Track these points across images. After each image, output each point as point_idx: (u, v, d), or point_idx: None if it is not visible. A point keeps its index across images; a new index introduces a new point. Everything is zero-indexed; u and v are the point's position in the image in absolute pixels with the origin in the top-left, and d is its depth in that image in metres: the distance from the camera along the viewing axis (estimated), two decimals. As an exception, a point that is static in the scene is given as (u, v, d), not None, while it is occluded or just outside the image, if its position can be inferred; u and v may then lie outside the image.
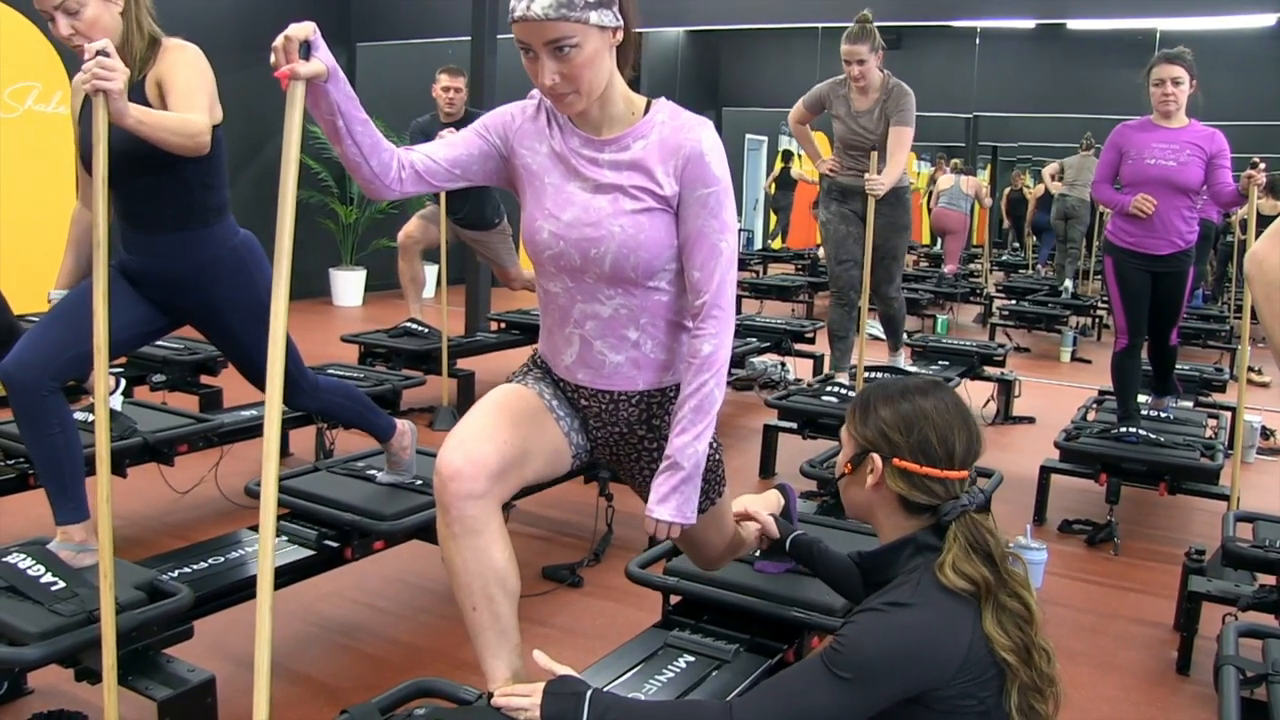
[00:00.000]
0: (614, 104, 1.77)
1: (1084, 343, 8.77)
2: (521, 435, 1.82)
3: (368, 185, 1.76)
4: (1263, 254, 1.56)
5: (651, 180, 1.75)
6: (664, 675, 2.12)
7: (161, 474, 3.60)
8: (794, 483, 3.53)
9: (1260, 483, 4.86)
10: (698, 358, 1.78)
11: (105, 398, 1.88)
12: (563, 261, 1.79)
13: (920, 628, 1.44)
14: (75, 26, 2.28)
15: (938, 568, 1.49)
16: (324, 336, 6.78)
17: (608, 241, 1.75)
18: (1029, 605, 1.50)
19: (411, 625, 2.97)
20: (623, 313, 1.81)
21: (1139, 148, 4.07)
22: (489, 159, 1.85)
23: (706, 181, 1.75)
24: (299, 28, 1.52)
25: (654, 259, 1.77)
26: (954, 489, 1.54)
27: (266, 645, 1.55)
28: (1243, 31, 10.57)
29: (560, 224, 1.78)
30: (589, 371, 1.87)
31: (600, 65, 1.68)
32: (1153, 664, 2.95)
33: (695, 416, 1.78)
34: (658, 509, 1.78)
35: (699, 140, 1.75)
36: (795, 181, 14.11)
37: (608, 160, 1.78)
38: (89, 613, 2.05)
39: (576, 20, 1.60)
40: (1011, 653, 1.45)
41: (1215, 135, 4.01)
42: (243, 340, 2.64)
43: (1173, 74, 3.94)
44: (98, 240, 1.84)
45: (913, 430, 1.53)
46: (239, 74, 7.44)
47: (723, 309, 1.79)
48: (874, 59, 4.50)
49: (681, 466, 1.78)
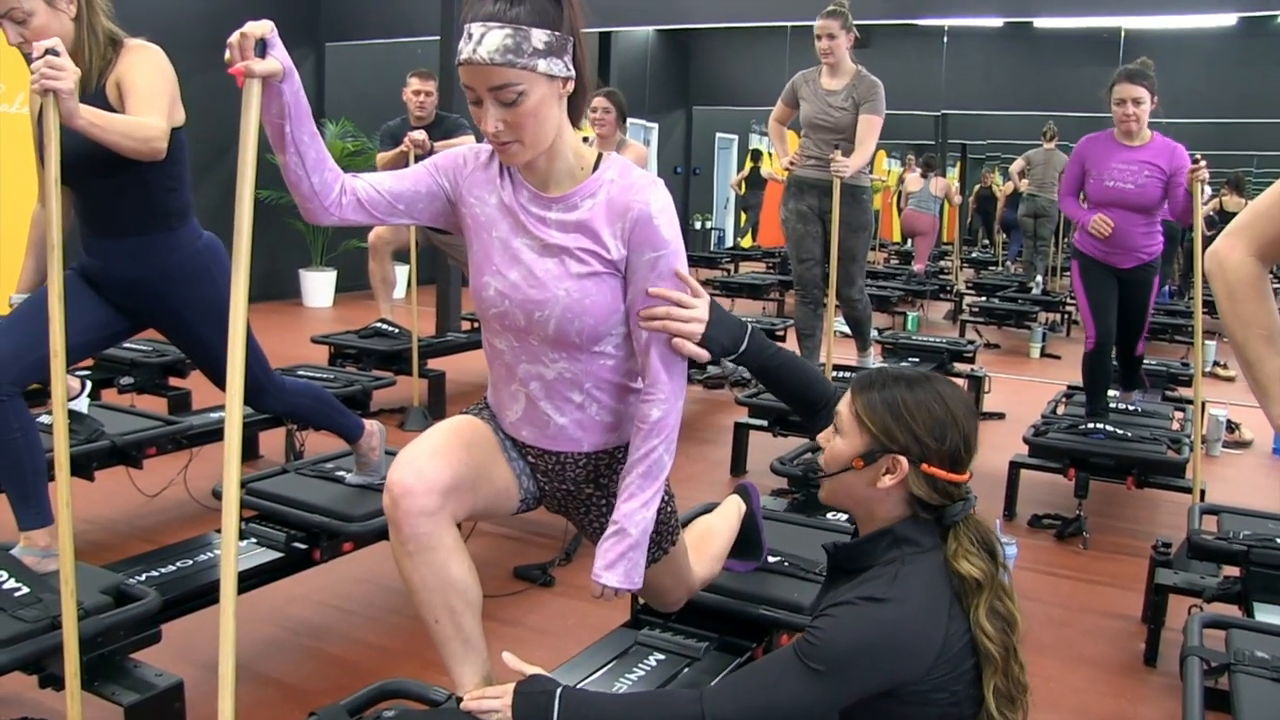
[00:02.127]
0: (562, 157, 1.70)
1: (1053, 339, 8.84)
2: (475, 460, 1.79)
3: (305, 204, 1.69)
4: (1224, 251, 1.56)
5: (598, 243, 1.70)
6: (634, 674, 2.12)
7: (130, 477, 3.56)
8: (764, 480, 3.55)
9: (1226, 475, 4.92)
10: (646, 423, 1.74)
11: (63, 402, 1.85)
12: (507, 320, 1.75)
13: (894, 623, 1.44)
14: (24, 34, 2.25)
15: (951, 556, 1.50)
16: (294, 337, 6.73)
17: (552, 305, 1.70)
18: (1015, 614, 1.51)
19: (381, 626, 2.96)
20: (567, 376, 1.77)
21: (1099, 167, 4.16)
22: (435, 199, 1.79)
23: (655, 245, 1.69)
24: (256, 25, 1.49)
25: (599, 324, 1.72)
26: (964, 490, 1.55)
27: (230, 649, 1.53)
28: (1206, 30, 10.70)
29: (506, 282, 1.73)
30: (534, 430, 1.83)
31: (547, 116, 1.61)
32: (1120, 656, 2.97)
33: (643, 482, 1.75)
34: (605, 575, 1.75)
35: (647, 202, 1.68)
36: (765, 180, 14.16)
37: (555, 220, 1.72)
38: (52, 618, 2.03)
39: (523, 68, 1.54)
40: (996, 646, 1.46)
41: (1175, 151, 4.08)
42: (207, 344, 2.61)
43: (1134, 94, 4.01)
44: (52, 242, 1.80)
45: (946, 435, 1.50)
46: (205, 74, 7.35)
47: (673, 373, 1.75)
48: (844, 38, 4.68)
49: (629, 534, 1.74)
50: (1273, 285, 1.64)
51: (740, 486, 2.49)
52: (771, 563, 2.47)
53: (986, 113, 14.45)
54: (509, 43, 1.53)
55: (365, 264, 5.77)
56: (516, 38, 1.53)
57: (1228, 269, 1.55)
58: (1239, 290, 1.54)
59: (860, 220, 4.96)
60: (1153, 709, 2.69)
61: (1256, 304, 1.53)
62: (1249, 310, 1.53)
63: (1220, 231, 1.59)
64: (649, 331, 1.73)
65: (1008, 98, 13.00)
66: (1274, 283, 7.86)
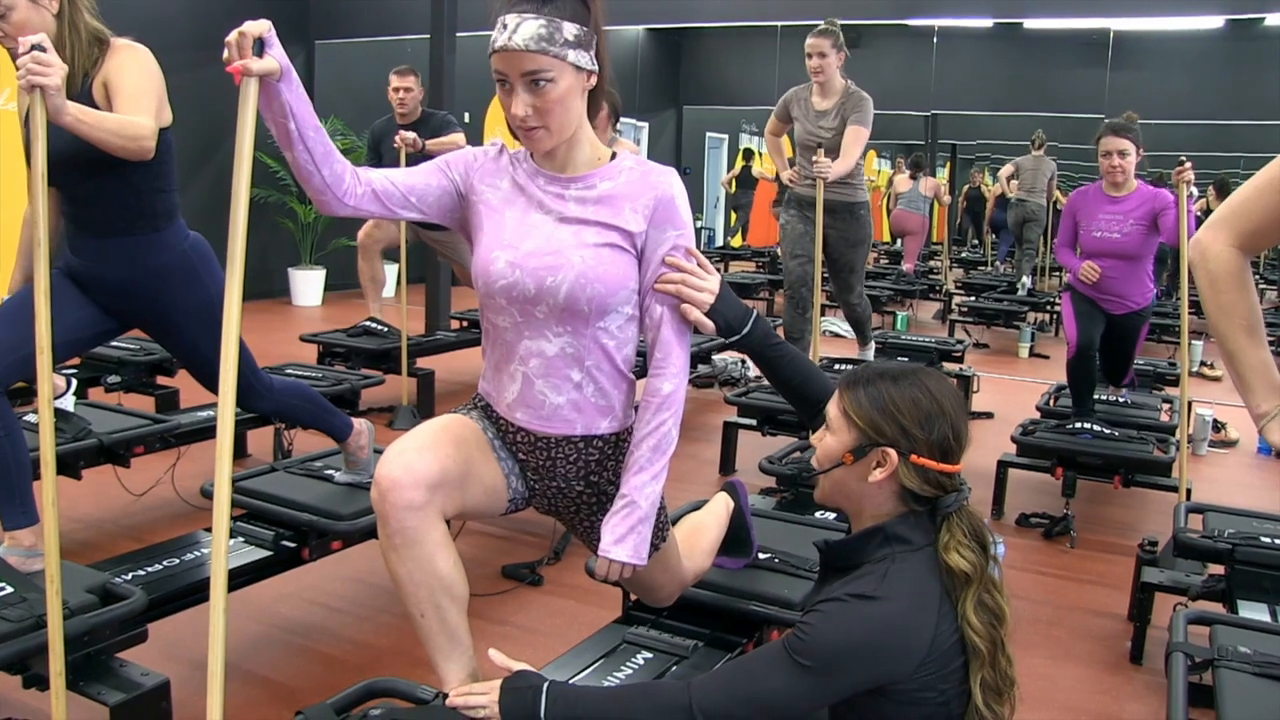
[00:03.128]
0: (580, 148, 1.78)
1: (1042, 339, 8.87)
2: (464, 457, 1.79)
3: (319, 196, 1.72)
4: (1206, 242, 1.57)
5: (619, 216, 1.76)
6: (623, 672, 2.12)
7: (117, 476, 3.55)
8: (753, 478, 3.56)
9: (1212, 474, 4.95)
10: (657, 396, 1.78)
11: (49, 400, 1.84)
12: (515, 292, 1.77)
13: (884, 621, 1.44)
14: (4, 29, 2.24)
15: (942, 548, 1.50)
16: (283, 336, 6.73)
17: (566, 270, 1.73)
18: (1003, 607, 1.52)
19: (369, 625, 2.95)
20: (569, 352, 1.79)
21: (1088, 220, 4.36)
22: (446, 195, 1.84)
23: (675, 224, 1.78)
24: (254, 25, 1.51)
25: (609, 295, 1.75)
26: (957, 481, 1.55)
27: (220, 647, 1.53)
28: (1193, 31, 10.76)
29: (519, 253, 1.76)
30: (528, 411, 1.84)
31: (572, 105, 1.69)
32: (1107, 654, 2.99)
33: (653, 455, 1.78)
34: (614, 549, 1.75)
35: (669, 185, 1.78)
36: (756, 180, 14.18)
37: (574, 196, 1.78)
38: (37, 618, 2.02)
39: (555, 55, 1.63)
40: (983, 640, 1.47)
41: (1158, 195, 4.25)
42: (193, 345, 2.60)
43: (1119, 146, 4.16)
44: (38, 239, 1.79)
45: (933, 426, 1.51)
46: (194, 72, 7.36)
47: (684, 350, 1.81)
48: (835, 57, 4.68)
49: (639, 505, 1.76)
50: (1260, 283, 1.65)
51: (728, 484, 2.50)
52: (762, 559, 2.47)
53: (976, 113, 14.50)
54: (543, 32, 1.62)
55: (354, 263, 5.76)
56: (550, 28, 1.62)
57: (1210, 259, 1.56)
58: (1221, 280, 1.55)
59: (859, 235, 5.05)
60: (1139, 706, 2.71)
61: (1237, 294, 1.54)
62: (1230, 300, 1.54)
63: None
64: (662, 306, 1.79)
65: (997, 98, 13.04)
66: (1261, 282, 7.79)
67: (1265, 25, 10.40)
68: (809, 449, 3.72)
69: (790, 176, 5.01)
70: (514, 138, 1.77)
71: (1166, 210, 4.17)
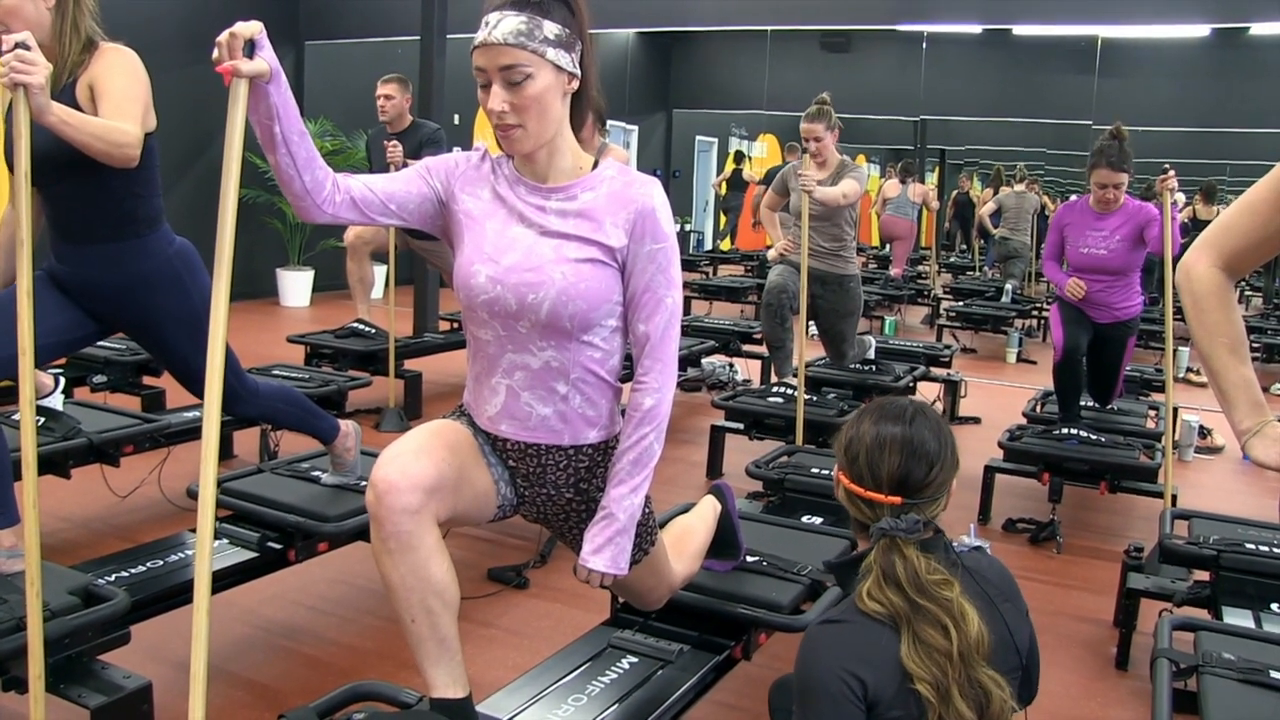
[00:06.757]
0: (562, 155, 1.78)
1: (1029, 344, 8.89)
2: (458, 462, 1.79)
3: (298, 201, 1.72)
4: (1190, 263, 1.61)
5: (599, 231, 1.75)
6: (607, 676, 2.12)
7: (104, 476, 3.53)
8: (740, 482, 3.55)
9: (1198, 480, 4.97)
10: (639, 411, 1.78)
11: (31, 400, 1.83)
12: (497, 307, 1.76)
13: (845, 645, 1.43)
14: None
15: (855, 593, 1.49)
16: (270, 337, 6.70)
17: (547, 288, 1.73)
18: (951, 640, 1.41)
19: (355, 627, 2.94)
20: (554, 365, 1.79)
21: (1075, 236, 4.43)
22: (427, 202, 1.84)
23: (657, 237, 1.76)
24: (246, 26, 1.50)
25: (591, 310, 1.75)
26: (880, 512, 1.53)
27: (203, 650, 1.52)
28: (1180, 40, 10.81)
29: (499, 268, 1.76)
30: (513, 423, 1.83)
31: (550, 105, 1.69)
32: (1093, 660, 2.99)
33: (634, 469, 1.79)
34: (592, 559, 1.78)
35: (650, 196, 1.76)
36: (746, 183, 14.17)
37: (554, 208, 1.77)
38: (17, 619, 2.01)
39: (534, 51, 1.64)
40: (929, 686, 1.38)
41: (1144, 209, 4.32)
42: (178, 350, 2.58)
43: (1115, 180, 4.23)
44: (20, 238, 1.78)
45: (858, 455, 1.55)
46: (183, 72, 7.33)
47: (666, 364, 1.80)
48: (830, 137, 4.74)
49: (617, 518, 1.78)
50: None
51: (715, 487, 2.50)
52: (750, 562, 2.47)
53: (965, 118, 14.53)
54: (522, 27, 1.64)
55: (343, 264, 5.75)
56: (530, 24, 1.64)
57: (1194, 280, 1.59)
58: (1204, 300, 1.58)
59: (849, 307, 5.10)
60: (1124, 711, 2.71)
61: (1221, 314, 1.57)
62: (1213, 320, 1.57)
63: (1194, 239, 1.63)
64: (648, 319, 1.78)
65: (986, 104, 13.07)
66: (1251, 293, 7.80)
67: (1250, 35, 10.45)
68: (795, 453, 3.72)
69: (785, 246, 4.97)
70: (498, 144, 1.77)
71: (1152, 224, 4.24)
